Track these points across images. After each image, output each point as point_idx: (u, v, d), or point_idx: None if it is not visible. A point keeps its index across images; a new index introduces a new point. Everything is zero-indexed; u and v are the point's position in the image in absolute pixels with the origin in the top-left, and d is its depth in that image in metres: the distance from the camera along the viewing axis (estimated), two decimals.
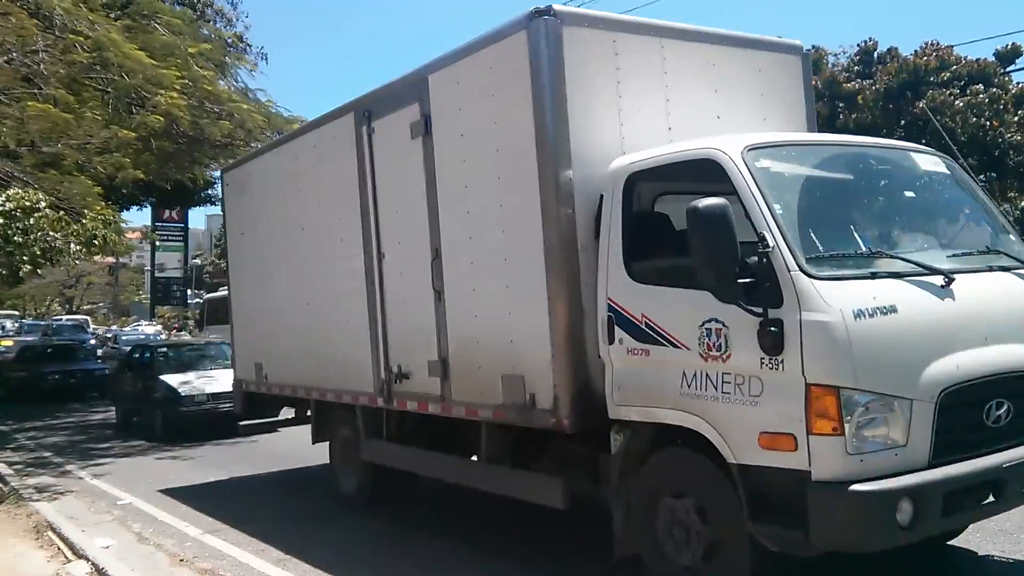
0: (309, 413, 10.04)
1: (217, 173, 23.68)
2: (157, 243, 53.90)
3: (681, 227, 4.95)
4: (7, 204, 11.87)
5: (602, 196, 5.66)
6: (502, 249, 6.22)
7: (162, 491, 10.57)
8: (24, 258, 12.35)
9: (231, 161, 13.12)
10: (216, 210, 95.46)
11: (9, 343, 34.57)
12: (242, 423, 12.25)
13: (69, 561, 7.47)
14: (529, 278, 5.90)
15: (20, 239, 11.99)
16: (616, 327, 5.45)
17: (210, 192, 30.08)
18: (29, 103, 11.80)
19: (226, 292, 13.33)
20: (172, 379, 15.72)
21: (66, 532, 8.36)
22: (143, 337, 33.43)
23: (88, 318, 59.27)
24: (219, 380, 14.86)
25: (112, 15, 13.08)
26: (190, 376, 15.95)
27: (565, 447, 6.28)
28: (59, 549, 7.93)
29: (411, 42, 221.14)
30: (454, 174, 6.74)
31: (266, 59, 16.87)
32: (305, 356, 9.35)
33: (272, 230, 10.04)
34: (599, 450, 5.79)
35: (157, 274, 59.34)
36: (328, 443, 9.60)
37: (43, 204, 12.16)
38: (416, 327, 7.28)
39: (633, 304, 5.36)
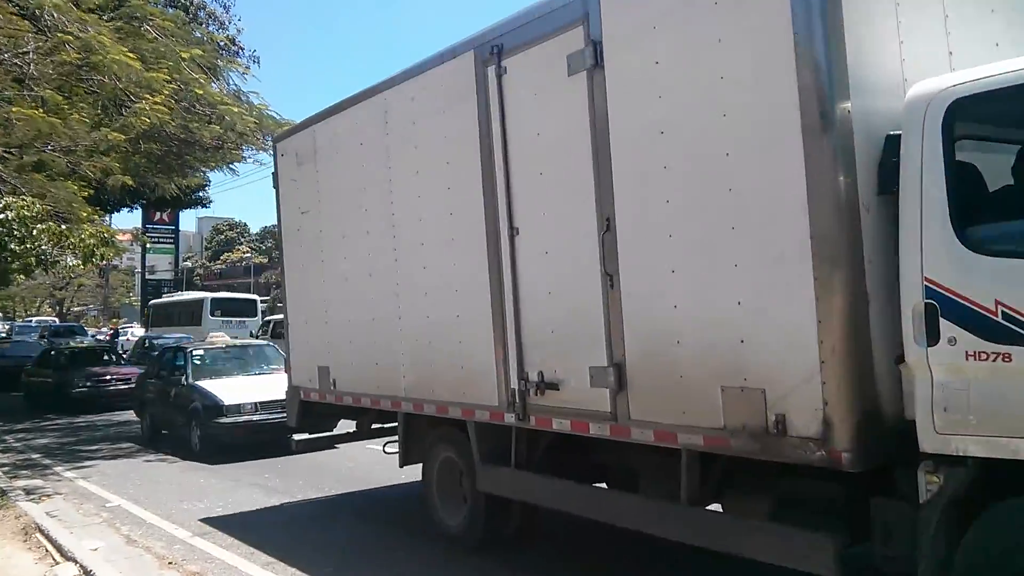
0: (368, 425, 9.18)
1: (210, 175, 23.81)
2: (148, 245, 53.80)
3: None
4: (7, 212, 11.79)
5: (894, 137, 4.20)
6: (727, 213, 4.64)
7: (151, 493, 10.55)
8: (14, 266, 12.32)
9: (270, 138, 11.97)
10: (207, 212, 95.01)
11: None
12: (298, 438, 9.85)
13: (57, 563, 7.45)
14: (778, 252, 4.42)
15: (16, 248, 11.95)
16: (943, 320, 3.89)
17: (201, 194, 30.09)
18: (14, 108, 11.77)
19: (173, 298, 13.04)
20: (211, 385, 13.83)
21: (54, 534, 8.32)
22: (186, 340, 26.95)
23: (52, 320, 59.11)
24: (267, 387, 13.16)
25: (104, 17, 13.05)
26: (232, 382, 14.09)
27: (808, 486, 4.76)
28: (47, 551, 7.91)
29: (407, 46, 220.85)
30: (640, 117, 5.15)
31: (258, 62, 16.92)
32: (391, 359, 7.68)
33: (348, 206, 8.33)
34: (869, 493, 4.31)
35: (148, 276, 59.24)
36: (422, 467, 7.91)
37: (39, 214, 12.13)
38: (570, 322, 5.75)
39: (977, 287, 3.80)
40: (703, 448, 4.88)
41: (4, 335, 42.12)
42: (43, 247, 12.42)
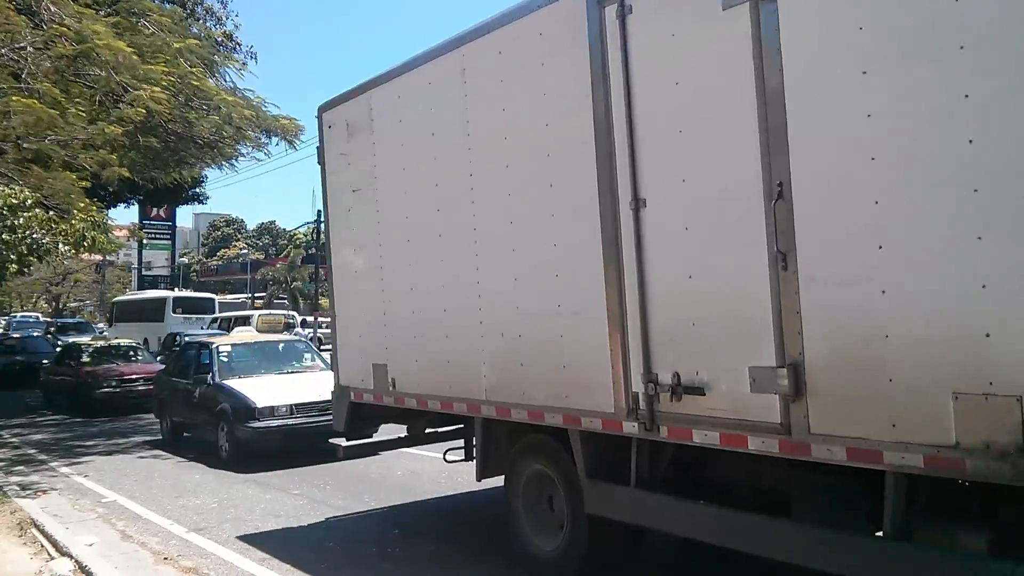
0: (422, 429, 8.33)
1: (207, 172, 23.79)
2: (144, 241, 53.83)
3: None
4: None
5: None
6: (969, 169, 3.63)
7: (146, 489, 10.54)
8: (11, 256, 12.29)
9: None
10: (204, 208, 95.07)
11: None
12: (345, 444, 8.55)
13: (53, 559, 7.43)
14: None
15: (7, 237, 11.94)
16: None
17: (197, 191, 30.05)
18: (14, 98, 11.76)
19: (136, 296, 12.88)
20: (241, 385, 12.70)
21: (50, 529, 8.32)
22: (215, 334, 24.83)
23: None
24: (303, 387, 12.43)
25: (101, 12, 13.03)
26: (263, 381, 12.96)
27: None
28: (42, 546, 7.89)
29: (404, 43, 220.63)
30: (831, 53, 4.15)
31: (255, 58, 16.85)
32: (468, 356, 6.59)
33: (413, 181, 7.26)
34: None
35: (144, 272, 59.28)
36: (505, 481, 6.82)
37: (29, 202, 12.11)
38: (720, 314, 4.69)
39: None
40: (921, 470, 3.83)
41: (2, 330, 41.92)
42: (34, 235, 12.38)
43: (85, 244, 13.79)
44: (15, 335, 33.05)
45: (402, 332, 7.42)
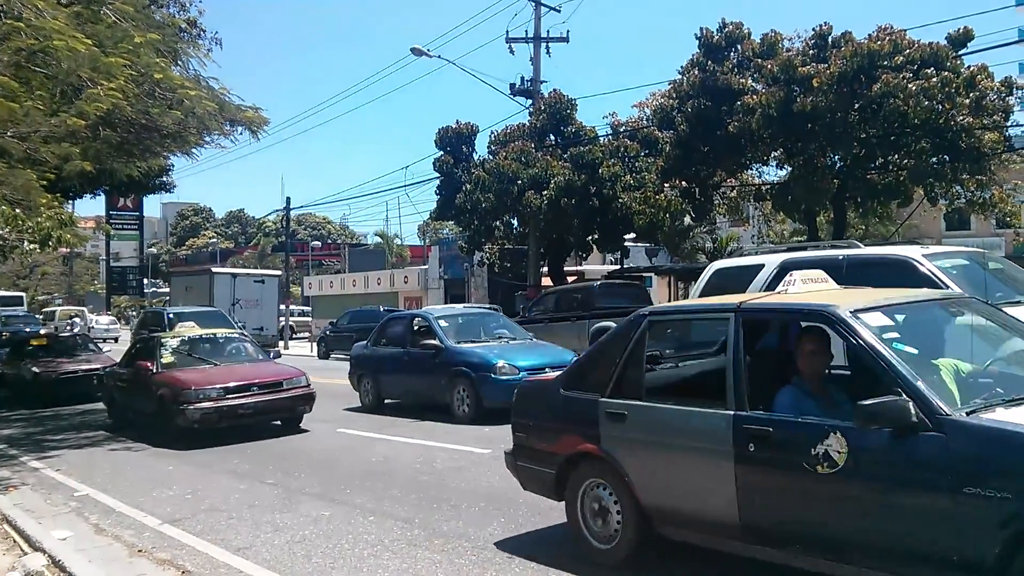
0: None
1: (172, 160, 23.52)
2: (111, 232, 53.26)
3: None
4: None
5: None
6: None
7: (119, 482, 10.49)
8: None
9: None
10: (171, 197, 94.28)
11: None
12: None
13: (26, 554, 7.39)
14: None
15: None
16: None
17: (164, 180, 29.69)
18: None
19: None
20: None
21: (22, 524, 8.26)
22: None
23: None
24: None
25: (63, 1, 12.80)
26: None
27: None
28: (15, 542, 7.85)
29: (370, 28, 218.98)
30: None
31: (220, 44, 16.60)
32: None
33: None
34: None
35: (112, 263, 58.67)
36: None
37: None
38: None
39: None
40: None
41: None
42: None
43: (51, 243, 13.66)
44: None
45: None
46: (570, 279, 32.66)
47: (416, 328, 15.58)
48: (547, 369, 12.72)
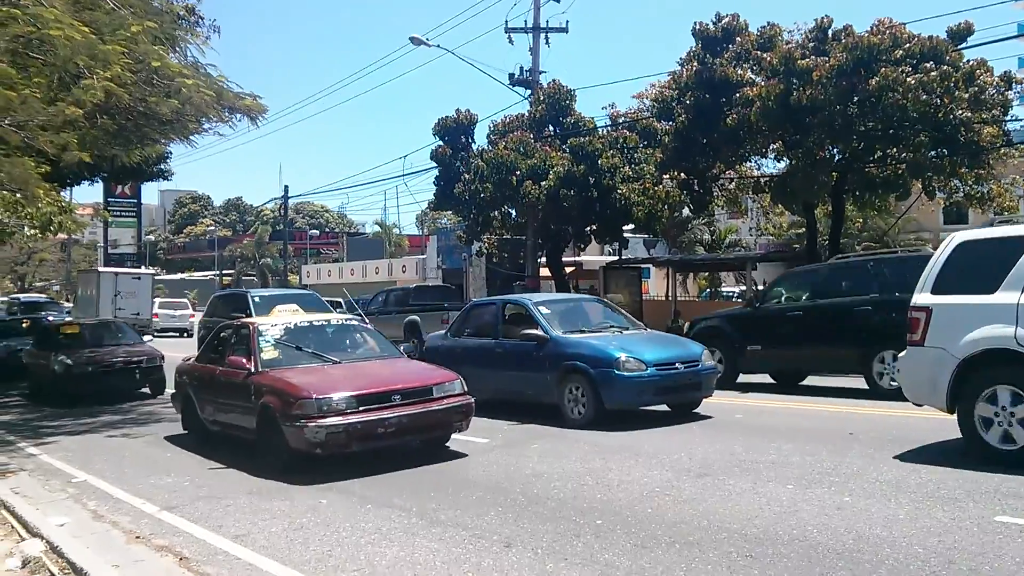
0: None
1: (170, 148, 23.50)
2: (110, 219, 53.18)
3: None
4: None
5: None
6: None
7: (117, 468, 10.52)
8: None
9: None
10: (169, 185, 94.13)
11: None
12: None
13: (23, 540, 7.42)
14: None
15: None
16: None
17: (162, 167, 29.66)
18: None
19: None
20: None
21: (20, 510, 8.29)
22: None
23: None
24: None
25: None
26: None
27: None
28: (12, 527, 7.89)
29: (379, 21, 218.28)
30: None
31: (218, 32, 16.52)
32: None
33: None
34: None
35: (111, 250, 58.62)
36: None
37: None
38: None
39: None
40: None
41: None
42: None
43: (52, 228, 13.63)
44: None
45: None
46: (568, 270, 32.67)
47: (508, 316, 13.91)
48: (677, 364, 11.97)
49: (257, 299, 20.12)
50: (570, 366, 12.09)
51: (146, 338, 23.89)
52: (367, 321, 13.44)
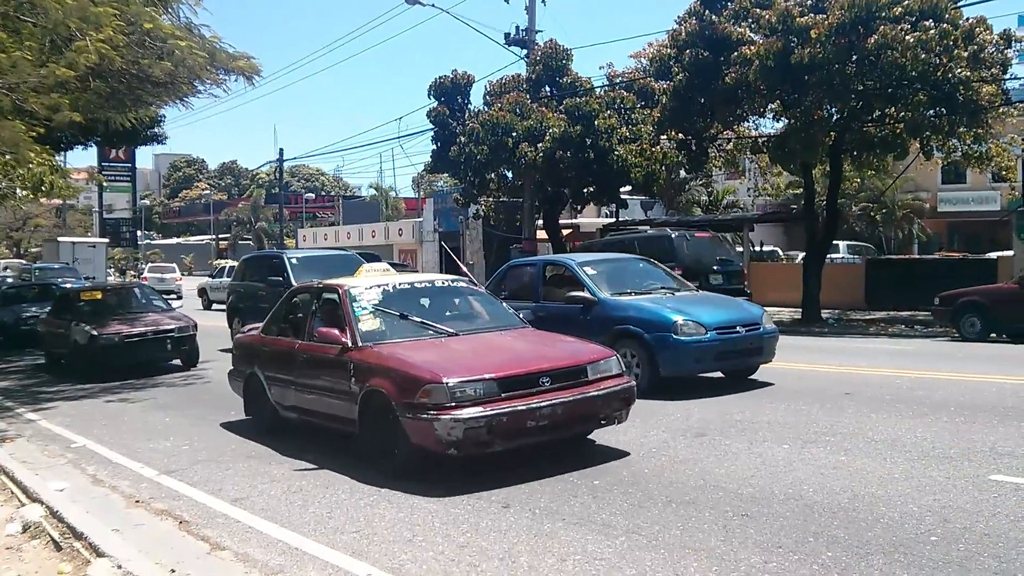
0: None
1: (164, 111, 23.32)
2: (104, 184, 52.92)
3: None
4: None
5: None
6: None
7: (116, 433, 10.54)
8: None
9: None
10: (164, 149, 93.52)
11: None
12: None
13: (23, 505, 7.45)
14: None
15: None
16: None
17: (156, 131, 29.40)
18: None
19: None
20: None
21: (19, 476, 8.32)
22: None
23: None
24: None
25: None
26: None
27: None
28: (12, 493, 7.92)
29: None
30: None
31: None
32: None
33: None
34: None
35: (106, 215, 58.38)
36: None
37: None
38: None
39: None
40: None
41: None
42: None
43: (44, 188, 13.52)
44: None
45: None
46: (565, 232, 32.59)
47: (549, 277, 13.02)
48: (738, 327, 11.21)
49: (295, 260, 17.59)
50: (622, 330, 11.14)
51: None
52: (476, 283, 11.51)
